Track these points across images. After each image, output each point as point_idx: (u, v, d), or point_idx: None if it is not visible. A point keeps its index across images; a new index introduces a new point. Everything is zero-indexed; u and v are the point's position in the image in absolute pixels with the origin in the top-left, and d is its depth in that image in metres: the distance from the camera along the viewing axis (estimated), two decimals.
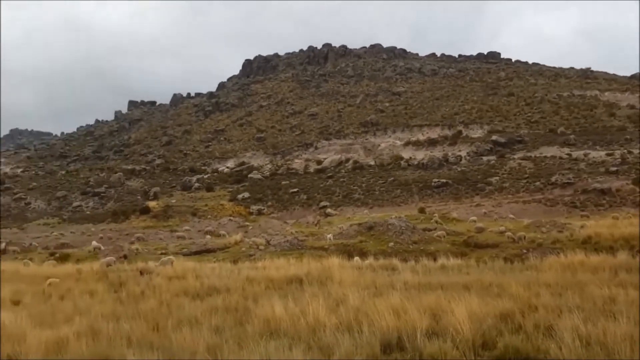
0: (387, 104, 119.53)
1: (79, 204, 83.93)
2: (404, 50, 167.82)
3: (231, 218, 52.36)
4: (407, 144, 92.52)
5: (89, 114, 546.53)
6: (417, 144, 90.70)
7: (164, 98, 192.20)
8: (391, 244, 24.73)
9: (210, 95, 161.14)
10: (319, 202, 66.43)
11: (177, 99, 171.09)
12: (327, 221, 48.09)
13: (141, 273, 15.42)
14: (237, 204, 65.73)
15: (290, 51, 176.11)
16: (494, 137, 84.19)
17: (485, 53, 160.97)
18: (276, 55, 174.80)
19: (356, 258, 17.76)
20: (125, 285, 13.60)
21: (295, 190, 73.14)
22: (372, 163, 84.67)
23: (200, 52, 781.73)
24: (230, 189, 78.45)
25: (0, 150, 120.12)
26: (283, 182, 78.59)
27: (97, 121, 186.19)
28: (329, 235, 28.49)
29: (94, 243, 32.26)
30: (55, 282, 14.21)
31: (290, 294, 10.57)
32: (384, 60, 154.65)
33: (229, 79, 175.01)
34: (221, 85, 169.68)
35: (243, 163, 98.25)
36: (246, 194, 72.12)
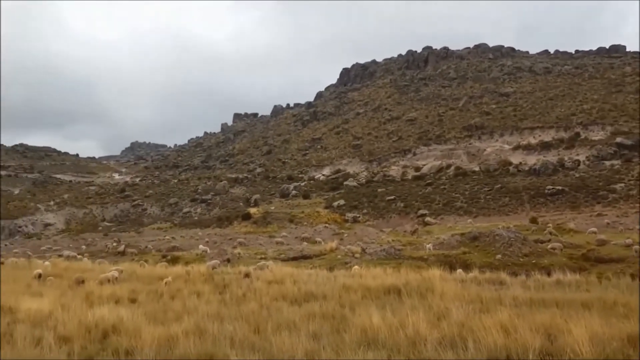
0: (493, 106, 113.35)
1: (188, 210, 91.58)
2: (512, 49, 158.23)
3: (326, 225, 53.22)
4: (516, 148, 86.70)
5: (199, 127, 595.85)
6: (528, 148, 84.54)
7: (265, 109, 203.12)
8: (498, 256, 23.32)
9: (308, 105, 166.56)
10: (417, 210, 64.87)
11: (277, 110, 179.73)
12: (426, 230, 46.71)
13: (246, 276, 16.26)
14: (332, 212, 66.71)
15: (388, 57, 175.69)
16: (618, 139, 75.62)
17: (607, 47, 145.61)
18: (373, 62, 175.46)
19: (459, 270, 16.93)
20: (229, 287, 14.41)
21: (391, 197, 72.27)
22: (477, 169, 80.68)
23: (300, 64, 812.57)
24: (326, 197, 79.90)
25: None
26: (379, 190, 78.12)
27: (205, 133, 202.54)
28: (429, 245, 27.63)
29: (201, 247, 34.86)
30: (169, 282, 15.55)
31: (388, 305, 10.38)
32: (490, 60, 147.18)
33: (327, 88, 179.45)
34: (319, 95, 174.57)
35: (339, 171, 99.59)
36: (341, 202, 72.91)
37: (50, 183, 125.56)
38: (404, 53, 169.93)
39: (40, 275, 18.39)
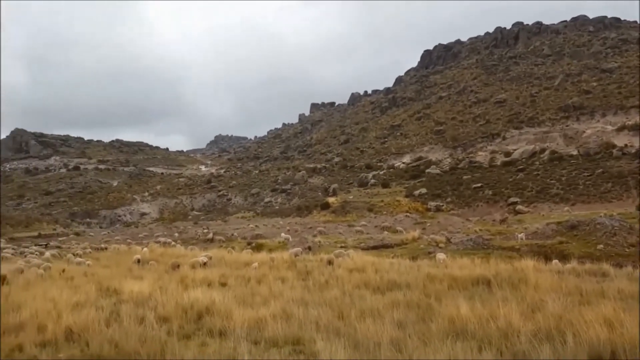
0: (594, 84, 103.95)
1: (269, 200, 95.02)
2: (616, 19, 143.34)
3: (407, 214, 52.45)
4: (621, 129, 78.99)
5: (277, 119, 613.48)
6: (635, 129, 76.60)
7: (342, 98, 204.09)
8: (600, 246, 21.67)
9: (387, 91, 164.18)
10: (507, 198, 61.72)
11: (354, 98, 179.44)
12: (517, 219, 44.33)
13: (329, 263, 16.67)
14: (413, 200, 65.53)
15: (474, 35, 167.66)
16: None
17: None
18: (458, 42, 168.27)
19: (555, 261, 15.92)
20: (311, 274, 14.85)
21: (478, 185, 69.34)
22: (575, 153, 74.79)
23: (378, 50, 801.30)
24: (407, 185, 78.60)
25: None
26: (464, 177, 75.28)
27: (283, 124, 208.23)
28: (521, 235, 26.31)
29: (283, 235, 36.08)
30: (257, 267, 16.45)
31: (476, 295, 10.13)
32: (590, 34, 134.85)
33: (407, 73, 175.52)
34: (398, 80, 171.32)
35: (420, 158, 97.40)
36: (423, 190, 71.29)
37: (144, 175, 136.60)
38: (491, 30, 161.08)
39: (139, 261, 20.22)
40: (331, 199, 69.16)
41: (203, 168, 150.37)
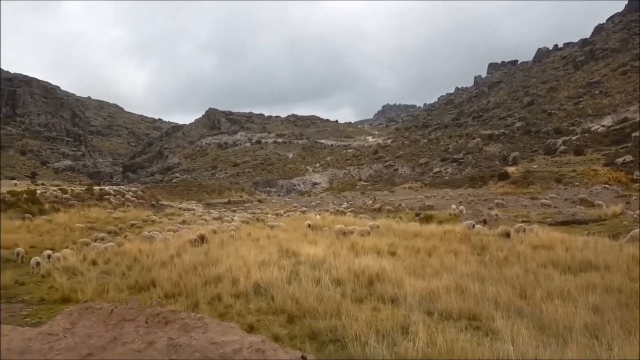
0: None
1: (438, 170, 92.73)
2: None
3: (606, 186, 45.89)
4: None
5: (450, 83, 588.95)
6: None
7: (526, 55, 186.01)
8: None
9: (583, 42, 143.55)
10: None
11: (541, 54, 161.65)
12: None
13: (506, 236, 15.76)
14: (614, 170, 56.77)
15: None
16: None
17: None
18: None
19: None
20: (488, 248, 14.16)
21: None
22: None
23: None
24: (606, 152, 68.36)
25: None
26: None
27: (456, 89, 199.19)
28: None
29: (454, 206, 34.98)
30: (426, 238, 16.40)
31: None
32: None
33: (609, 20, 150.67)
34: (598, 29, 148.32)
35: (625, 120, 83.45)
36: (628, 158, 61.11)
37: (315, 147, 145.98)
38: None
39: (309, 225, 21.91)
40: (511, 169, 64.34)
41: (370, 139, 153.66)
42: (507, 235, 16.00)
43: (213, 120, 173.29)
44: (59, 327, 3.84)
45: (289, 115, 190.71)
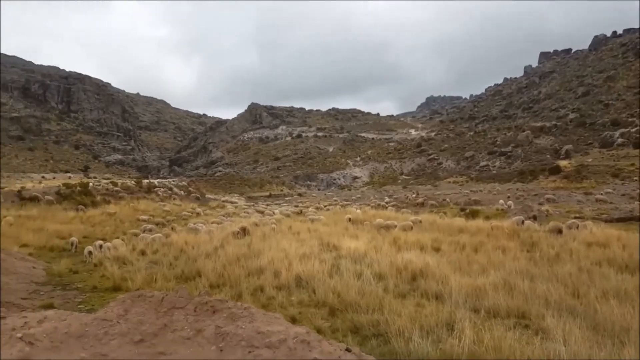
0: None
1: (485, 164, 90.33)
2: None
3: None
4: None
5: (498, 74, 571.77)
6: None
7: (581, 43, 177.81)
8: None
9: None
10: None
11: (598, 42, 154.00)
12: None
13: (559, 232, 15.19)
14: None
15: None
16: None
17: None
18: None
19: None
20: (538, 245, 13.71)
21: None
22: None
23: None
24: None
25: None
26: None
27: (505, 80, 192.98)
28: None
29: (502, 201, 34.02)
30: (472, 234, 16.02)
31: None
32: None
33: None
34: None
35: None
36: None
37: (356, 141, 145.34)
38: None
39: (350, 219, 21.88)
40: (563, 162, 61.83)
41: (413, 132, 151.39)
42: (559, 231, 15.42)
43: (255, 114, 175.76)
44: (113, 313, 4.02)
45: (329, 109, 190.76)
